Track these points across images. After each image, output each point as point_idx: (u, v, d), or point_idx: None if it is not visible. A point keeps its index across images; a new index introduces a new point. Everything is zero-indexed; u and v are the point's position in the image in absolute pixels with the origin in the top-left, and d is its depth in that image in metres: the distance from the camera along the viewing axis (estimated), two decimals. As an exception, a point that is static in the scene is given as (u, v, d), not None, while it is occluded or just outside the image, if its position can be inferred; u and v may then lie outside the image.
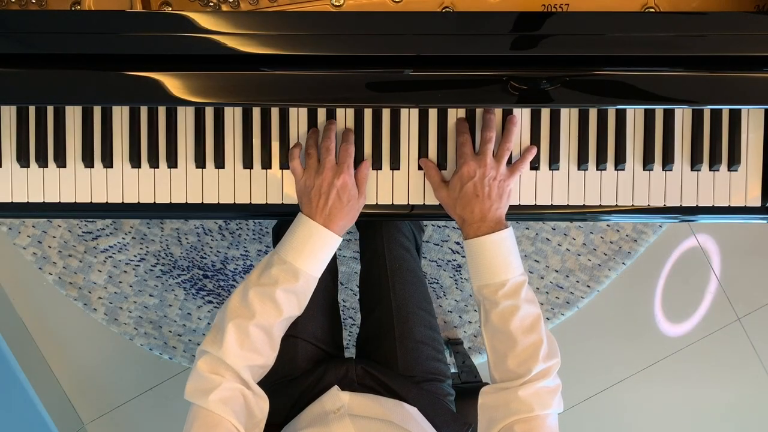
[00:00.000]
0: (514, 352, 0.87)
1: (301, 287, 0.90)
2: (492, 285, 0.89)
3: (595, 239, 1.74)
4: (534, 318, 0.88)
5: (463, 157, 0.94)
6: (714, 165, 0.98)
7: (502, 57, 0.87)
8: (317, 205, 0.92)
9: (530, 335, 0.87)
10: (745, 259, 1.80)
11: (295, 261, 0.90)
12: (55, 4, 0.94)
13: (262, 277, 0.90)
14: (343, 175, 0.92)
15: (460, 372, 1.58)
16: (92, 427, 1.82)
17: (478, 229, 0.91)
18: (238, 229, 1.72)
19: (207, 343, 0.87)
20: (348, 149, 0.94)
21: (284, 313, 0.89)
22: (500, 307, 0.88)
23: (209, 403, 0.81)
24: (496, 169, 0.93)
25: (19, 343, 1.72)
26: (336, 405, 0.95)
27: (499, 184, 0.92)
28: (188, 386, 0.85)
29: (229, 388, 0.84)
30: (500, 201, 0.92)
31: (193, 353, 1.74)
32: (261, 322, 0.87)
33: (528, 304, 0.89)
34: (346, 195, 0.92)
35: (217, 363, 0.85)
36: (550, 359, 0.87)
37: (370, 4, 0.95)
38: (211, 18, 0.85)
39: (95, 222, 1.71)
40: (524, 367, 0.86)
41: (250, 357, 0.86)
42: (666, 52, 0.85)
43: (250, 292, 0.88)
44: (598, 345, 1.80)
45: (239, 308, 0.88)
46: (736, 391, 1.83)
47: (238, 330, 0.86)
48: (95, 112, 0.99)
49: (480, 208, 0.91)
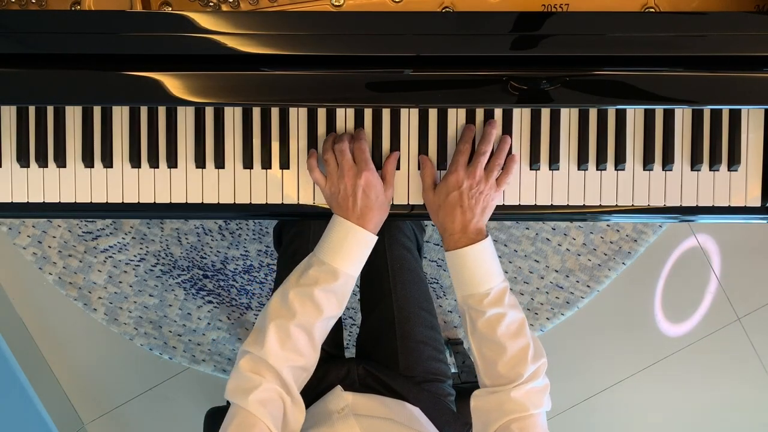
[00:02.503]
0: (503, 358, 0.88)
1: (340, 286, 0.91)
2: (477, 295, 0.90)
3: (595, 239, 1.74)
4: (519, 323, 0.90)
5: (455, 165, 0.94)
6: (714, 165, 0.98)
7: (502, 57, 0.87)
8: (347, 207, 0.92)
9: (517, 340, 0.88)
10: (745, 259, 1.80)
11: (333, 261, 0.90)
12: (55, 4, 0.94)
13: (302, 279, 0.90)
14: (364, 173, 0.92)
15: (460, 372, 1.58)
16: (92, 427, 1.81)
17: (458, 240, 0.91)
18: (238, 229, 1.72)
19: (248, 343, 0.88)
20: (361, 146, 0.94)
21: (324, 313, 0.89)
22: (486, 315, 0.89)
23: (248, 404, 0.82)
24: (484, 182, 0.93)
25: (19, 343, 1.72)
26: (340, 405, 0.95)
27: (485, 197, 0.93)
28: (229, 385, 0.86)
29: (269, 389, 0.84)
30: (483, 214, 0.93)
31: (193, 353, 1.74)
32: (302, 322, 0.88)
33: (512, 309, 0.90)
34: (373, 192, 0.92)
35: (259, 362, 0.85)
36: (537, 360, 0.88)
37: (370, 4, 0.95)
38: (211, 18, 0.85)
39: (95, 222, 1.71)
40: (515, 372, 0.87)
41: (291, 357, 0.87)
42: (666, 52, 0.85)
43: (290, 293, 0.89)
44: (598, 345, 1.80)
45: (280, 309, 0.89)
46: (736, 391, 1.83)
47: (279, 330, 0.87)
48: (95, 112, 0.99)
49: (461, 218, 0.91)
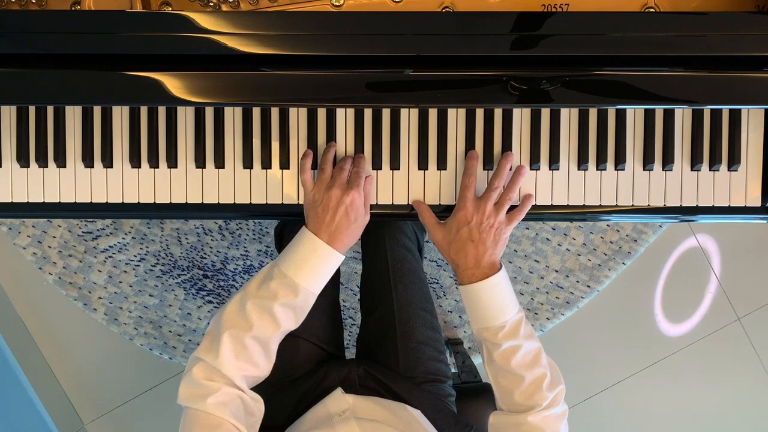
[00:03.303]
0: (519, 388, 0.89)
1: (299, 303, 0.90)
2: (492, 328, 0.90)
3: (595, 239, 1.74)
4: (535, 353, 0.90)
5: (464, 200, 0.93)
6: (714, 165, 0.98)
7: (502, 57, 0.87)
8: (324, 221, 0.90)
9: (533, 370, 0.89)
10: (745, 259, 1.80)
11: (295, 276, 0.89)
12: (55, 4, 0.94)
13: (261, 290, 0.89)
14: (353, 192, 0.91)
15: (460, 372, 1.58)
16: (92, 427, 1.81)
17: (472, 275, 0.91)
18: (238, 229, 1.72)
19: (202, 351, 0.87)
20: (359, 173, 0.93)
21: (282, 327, 0.89)
22: (502, 348, 0.89)
23: (207, 406, 0.81)
24: (494, 216, 0.92)
25: (19, 343, 1.72)
26: (341, 407, 0.95)
27: (496, 231, 0.92)
28: (182, 391, 0.84)
29: (226, 393, 0.83)
30: (495, 247, 0.92)
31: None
32: (258, 334, 0.87)
33: (528, 340, 0.90)
34: (354, 213, 0.91)
35: (213, 371, 0.85)
36: (554, 388, 0.89)
37: (370, 4, 0.95)
38: (211, 18, 0.85)
39: (95, 222, 1.71)
40: (532, 401, 0.88)
41: (245, 368, 0.86)
42: (666, 52, 0.85)
43: (248, 303, 0.88)
44: (598, 345, 1.80)
45: (236, 319, 0.87)
46: (736, 391, 1.83)
47: (234, 341, 0.86)
48: (95, 112, 0.99)
49: (474, 253, 0.91)
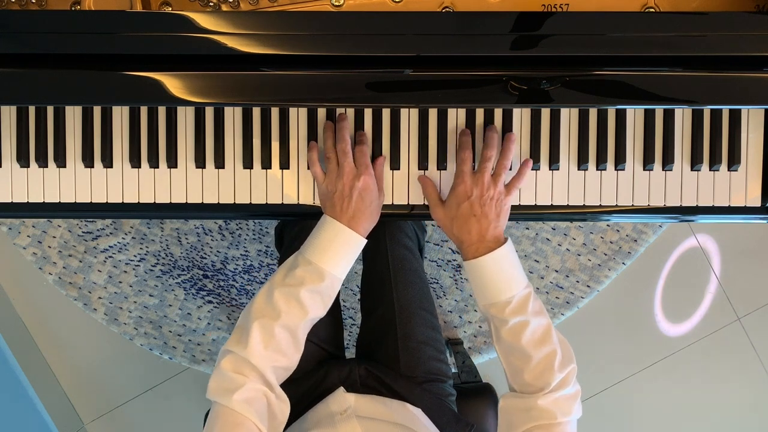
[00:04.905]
0: (529, 366, 0.87)
1: (326, 288, 0.90)
2: (498, 304, 0.89)
3: (595, 239, 1.74)
4: (544, 329, 0.88)
5: (461, 175, 0.93)
6: (714, 165, 0.98)
7: (502, 57, 0.87)
8: (341, 208, 0.91)
9: (543, 347, 0.87)
10: (745, 259, 1.80)
11: (320, 262, 0.89)
12: (55, 4, 0.94)
13: (288, 278, 0.89)
14: (363, 176, 0.92)
15: (460, 372, 1.58)
16: (92, 427, 1.81)
17: (476, 249, 0.90)
18: (238, 229, 1.72)
19: (231, 343, 0.87)
20: (363, 150, 0.94)
21: (309, 314, 0.89)
22: (510, 324, 0.88)
23: (233, 403, 0.81)
24: (493, 188, 0.92)
25: (19, 343, 1.72)
26: (342, 406, 0.95)
27: (497, 203, 0.91)
28: (211, 384, 0.85)
29: (253, 389, 0.83)
30: (498, 220, 0.91)
31: (193, 353, 1.74)
32: (286, 322, 0.87)
33: (536, 316, 0.88)
34: (369, 196, 0.92)
35: (242, 363, 0.85)
36: (565, 367, 0.87)
37: (370, 4, 0.95)
38: (211, 18, 0.85)
39: (95, 222, 1.71)
40: (542, 381, 0.86)
41: (274, 358, 0.86)
42: (666, 52, 0.85)
43: (276, 292, 0.88)
44: (598, 345, 1.80)
45: (264, 308, 0.88)
46: (736, 391, 1.83)
47: (263, 330, 0.86)
48: (95, 112, 0.99)
49: (477, 228, 0.90)
